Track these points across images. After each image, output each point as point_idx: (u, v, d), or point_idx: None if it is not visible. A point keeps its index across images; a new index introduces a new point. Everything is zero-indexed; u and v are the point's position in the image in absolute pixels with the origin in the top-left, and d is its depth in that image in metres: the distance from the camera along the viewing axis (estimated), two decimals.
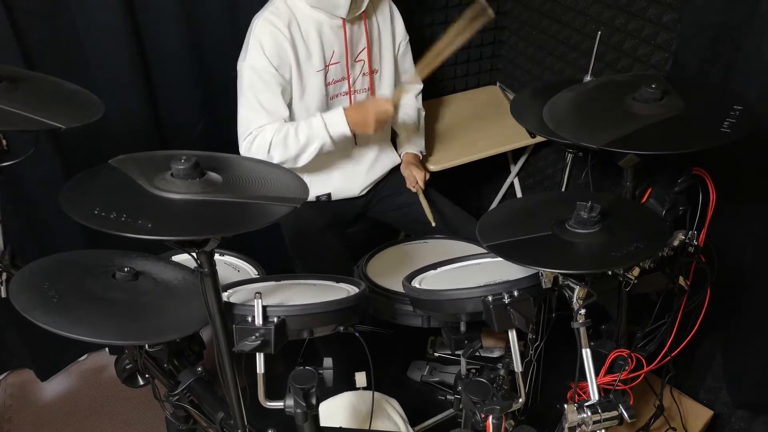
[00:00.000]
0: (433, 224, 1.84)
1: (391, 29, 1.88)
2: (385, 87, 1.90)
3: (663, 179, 1.46)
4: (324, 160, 1.88)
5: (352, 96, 1.83)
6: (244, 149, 1.74)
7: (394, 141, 2.08)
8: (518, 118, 1.62)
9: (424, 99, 2.14)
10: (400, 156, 2.06)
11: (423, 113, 2.10)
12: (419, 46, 1.98)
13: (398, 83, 2.00)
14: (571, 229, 1.14)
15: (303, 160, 1.75)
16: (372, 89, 1.87)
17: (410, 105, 2.04)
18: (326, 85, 1.77)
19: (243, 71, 1.69)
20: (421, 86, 2.07)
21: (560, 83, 1.52)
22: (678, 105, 1.27)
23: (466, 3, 2.41)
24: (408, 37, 1.95)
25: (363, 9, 1.72)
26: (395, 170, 2.05)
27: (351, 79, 1.81)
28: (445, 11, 2.41)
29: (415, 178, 1.96)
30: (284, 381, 1.13)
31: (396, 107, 1.73)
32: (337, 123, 1.72)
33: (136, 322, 1.16)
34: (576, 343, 1.15)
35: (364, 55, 1.81)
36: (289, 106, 1.75)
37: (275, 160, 1.71)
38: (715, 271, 1.43)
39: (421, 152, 2.08)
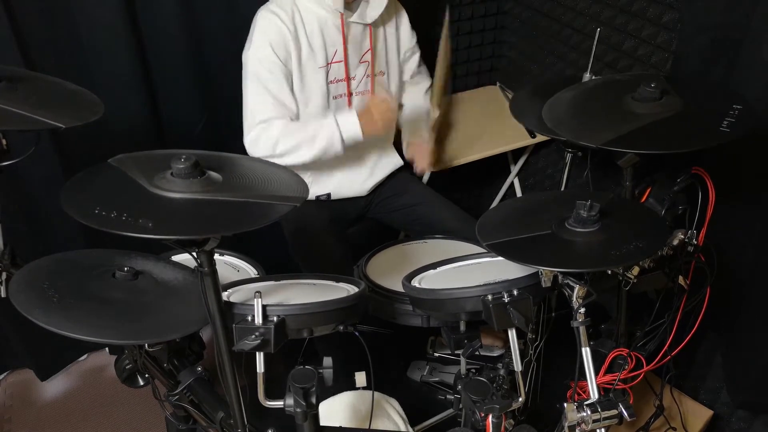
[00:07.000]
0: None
1: (396, 36, 1.87)
2: (392, 90, 1.90)
3: (662, 178, 1.46)
4: (325, 161, 1.88)
5: (352, 97, 1.82)
6: (250, 140, 1.71)
7: (395, 143, 2.08)
8: (518, 117, 1.62)
9: None
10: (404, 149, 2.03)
11: (434, 114, 2.03)
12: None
13: (403, 86, 1.99)
14: (570, 227, 1.14)
15: (306, 157, 1.71)
16: (372, 92, 1.87)
17: (419, 104, 2.01)
18: (327, 83, 1.76)
19: (248, 62, 1.68)
20: (428, 82, 2.04)
21: (560, 82, 1.52)
22: (677, 104, 1.27)
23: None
24: (415, 41, 1.94)
25: (367, 19, 1.72)
26: (397, 172, 2.05)
27: (354, 81, 1.81)
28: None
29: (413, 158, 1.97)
30: (284, 380, 1.13)
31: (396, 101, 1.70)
32: (351, 123, 1.69)
33: (136, 322, 1.16)
34: (575, 342, 1.15)
35: (368, 57, 1.81)
36: None
37: (282, 158, 1.69)
38: (715, 271, 1.43)
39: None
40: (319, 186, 1.91)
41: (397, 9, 1.87)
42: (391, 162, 2.02)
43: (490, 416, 1.15)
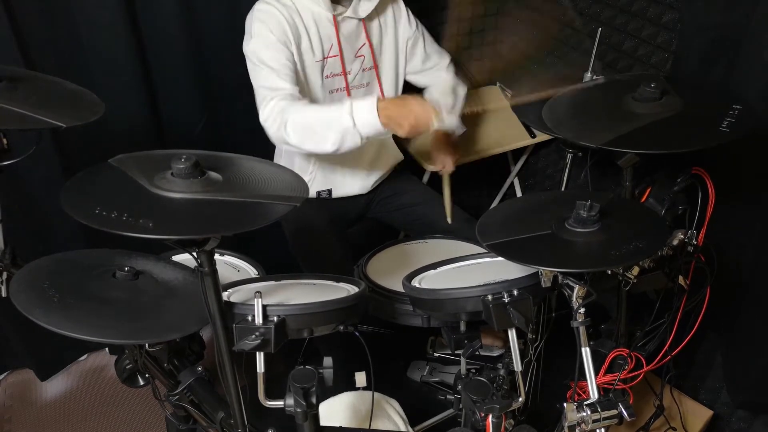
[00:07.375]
0: (450, 221, 1.85)
1: (394, 28, 1.86)
2: (385, 84, 1.89)
3: (662, 178, 1.47)
4: (326, 156, 1.87)
5: (350, 91, 1.82)
6: (263, 118, 1.59)
7: (395, 137, 2.04)
8: (518, 113, 1.61)
9: None
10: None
11: (463, 90, 1.90)
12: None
13: (399, 80, 1.97)
14: (570, 228, 1.14)
15: (321, 148, 1.56)
16: (381, 87, 1.86)
17: (443, 82, 1.91)
18: (323, 78, 1.75)
19: (248, 51, 1.66)
20: (449, 58, 1.95)
21: (560, 82, 1.52)
22: (677, 104, 1.27)
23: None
24: (416, 26, 1.88)
25: (360, 13, 1.71)
26: (397, 170, 2.05)
27: (350, 75, 1.80)
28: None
29: (443, 162, 1.87)
30: (284, 380, 1.13)
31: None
32: (365, 110, 1.48)
33: (136, 321, 1.16)
34: (575, 342, 1.15)
35: (364, 51, 1.81)
36: None
37: (292, 141, 1.57)
38: (715, 271, 1.43)
39: (454, 131, 1.94)
40: (320, 182, 1.91)
41: (394, 0, 1.85)
42: (392, 156, 2.01)
43: (490, 416, 1.15)
